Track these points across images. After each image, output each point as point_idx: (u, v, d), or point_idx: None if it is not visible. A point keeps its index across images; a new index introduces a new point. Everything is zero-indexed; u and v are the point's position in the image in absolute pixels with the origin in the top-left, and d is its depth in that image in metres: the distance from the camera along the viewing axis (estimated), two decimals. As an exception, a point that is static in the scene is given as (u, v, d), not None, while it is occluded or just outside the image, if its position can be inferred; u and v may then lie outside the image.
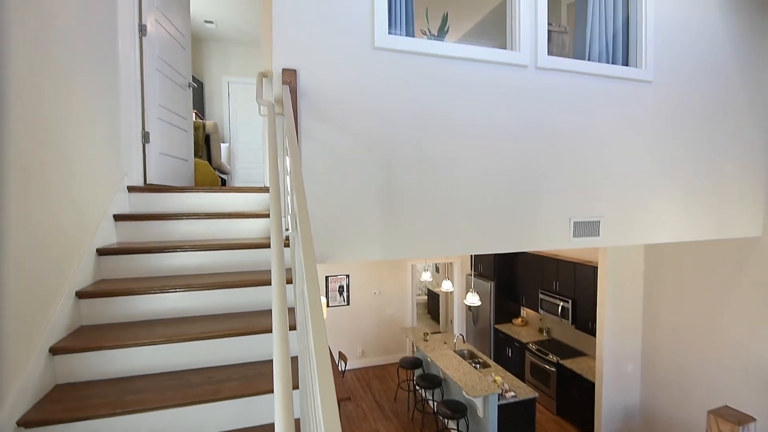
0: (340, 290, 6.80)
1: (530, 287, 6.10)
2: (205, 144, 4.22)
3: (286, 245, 1.91)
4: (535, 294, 5.94)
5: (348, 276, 6.82)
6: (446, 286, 6.35)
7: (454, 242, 2.24)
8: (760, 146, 3.03)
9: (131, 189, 2.31)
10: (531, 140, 2.36)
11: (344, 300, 6.82)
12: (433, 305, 9.30)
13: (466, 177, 2.24)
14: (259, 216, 2.38)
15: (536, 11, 2.32)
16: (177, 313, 1.85)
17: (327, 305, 6.66)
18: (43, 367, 1.46)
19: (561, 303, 5.37)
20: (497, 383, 4.51)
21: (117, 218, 2.12)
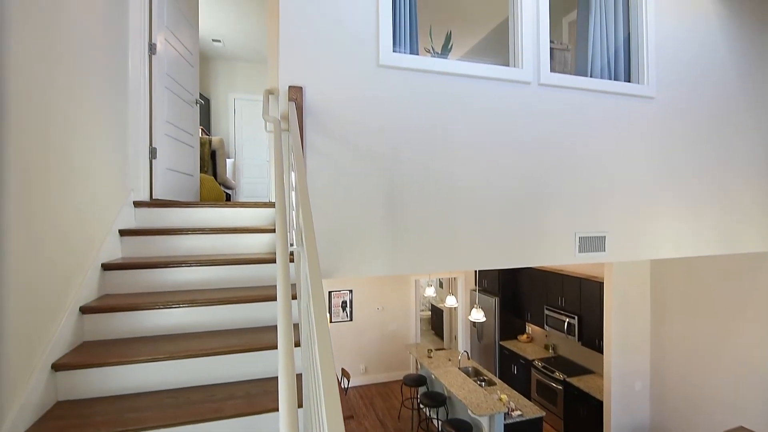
0: (343, 306, 6.74)
1: (535, 303, 6.03)
2: (211, 159, 4.27)
3: (291, 260, 1.90)
4: (541, 310, 5.87)
5: (351, 291, 6.78)
6: (450, 302, 6.29)
7: (459, 257, 2.23)
8: (766, 160, 3.03)
9: (137, 204, 2.33)
10: (535, 156, 2.37)
11: (347, 316, 6.77)
12: (437, 321, 9.20)
13: (470, 192, 2.25)
14: (264, 231, 2.38)
15: (538, 29, 2.36)
16: (181, 329, 1.84)
17: (330, 321, 6.60)
18: (45, 384, 1.44)
19: (567, 319, 5.29)
20: (503, 401, 4.42)
21: (122, 233, 2.13)
